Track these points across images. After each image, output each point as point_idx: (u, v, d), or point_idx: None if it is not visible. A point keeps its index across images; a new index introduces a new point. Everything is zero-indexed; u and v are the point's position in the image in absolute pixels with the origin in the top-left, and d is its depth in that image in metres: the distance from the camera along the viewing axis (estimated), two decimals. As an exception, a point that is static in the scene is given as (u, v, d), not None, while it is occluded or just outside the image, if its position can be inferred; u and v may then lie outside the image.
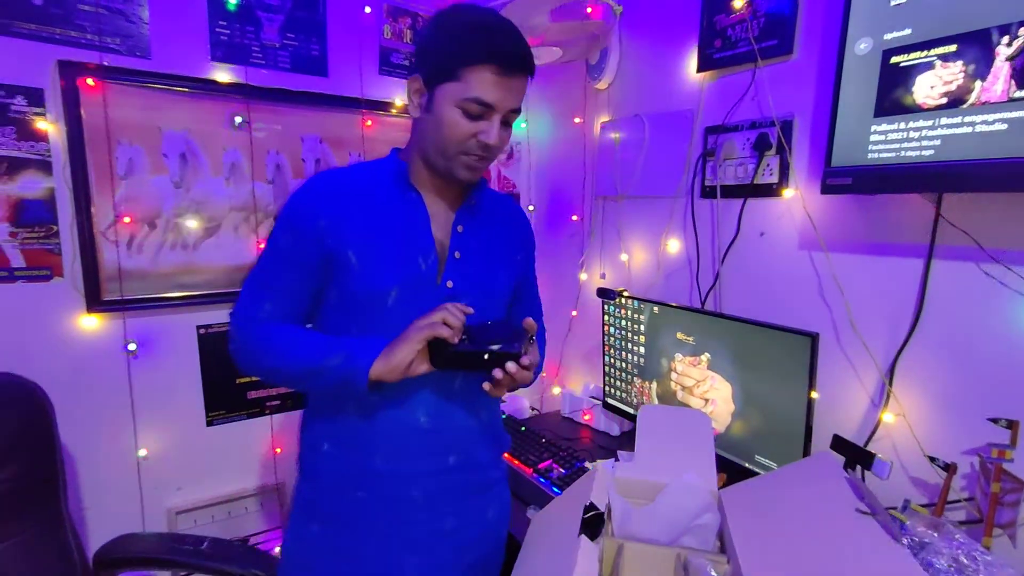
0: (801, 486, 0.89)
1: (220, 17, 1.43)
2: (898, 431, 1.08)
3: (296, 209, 0.78)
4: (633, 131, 1.61)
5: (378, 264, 0.76)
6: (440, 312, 0.71)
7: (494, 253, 0.87)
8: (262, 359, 0.79)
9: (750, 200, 1.31)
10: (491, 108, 0.72)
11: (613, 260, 1.74)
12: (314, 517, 0.84)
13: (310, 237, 0.76)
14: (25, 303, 1.27)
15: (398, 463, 0.80)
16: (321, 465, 0.83)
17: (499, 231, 0.89)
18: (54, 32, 1.24)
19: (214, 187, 1.46)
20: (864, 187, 0.99)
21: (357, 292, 0.77)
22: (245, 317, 0.81)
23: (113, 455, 1.40)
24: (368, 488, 0.81)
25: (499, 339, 0.73)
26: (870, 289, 1.10)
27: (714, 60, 1.35)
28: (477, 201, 0.85)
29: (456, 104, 0.72)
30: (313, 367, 0.75)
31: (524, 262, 0.95)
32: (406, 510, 0.81)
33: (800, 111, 1.20)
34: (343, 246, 0.76)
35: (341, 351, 0.74)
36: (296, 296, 0.81)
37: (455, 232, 0.82)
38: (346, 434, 0.81)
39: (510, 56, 0.71)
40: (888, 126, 0.95)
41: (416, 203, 0.80)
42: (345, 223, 0.76)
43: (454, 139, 0.74)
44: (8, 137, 1.22)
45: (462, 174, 0.77)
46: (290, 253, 0.78)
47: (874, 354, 1.10)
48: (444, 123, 0.73)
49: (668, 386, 1.35)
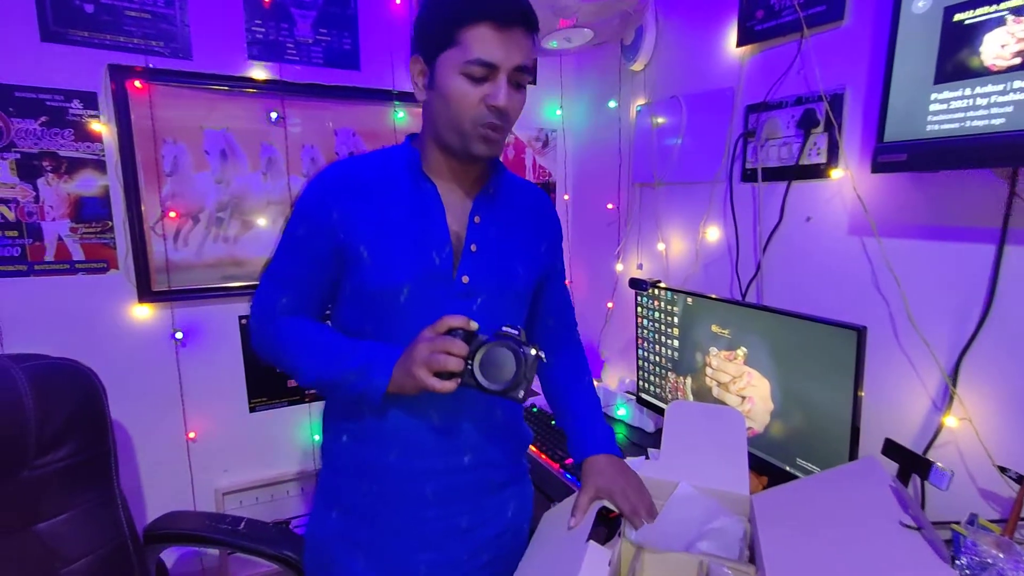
0: (841, 494, 0.81)
1: (256, 16, 1.47)
2: (964, 437, 0.96)
3: (309, 202, 0.77)
4: (670, 114, 1.53)
5: (390, 259, 0.74)
6: (437, 345, 0.67)
7: (514, 245, 0.82)
8: (281, 358, 0.80)
9: (795, 183, 1.21)
10: (495, 67, 0.68)
11: (650, 250, 1.66)
12: (333, 505, 0.85)
13: (323, 230, 0.75)
14: (84, 294, 1.37)
15: (411, 460, 0.79)
16: (340, 456, 0.84)
17: (520, 220, 0.84)
18: (104, 38, 1.32)
19: (252, 182, 1.52)
20: (921, 163, 0.89)
21: (369, 288, 0.75)
22: (262, 312, 0.81)
23: (165, 436, 1.49)
24: (382, 482, 0.80)
25: (505, 379, 0.68)
26: (930, 279, 0.99)
27: (756, 32, 1.25)
28: (496, 188, 0.82)
29: (459, 71, 0.68)
30: (328, 380, 0.75)
31: (549, 253, 0.90)
32: (419, 507, 0.80)
33: (851, 83, 1.09)
34: (355, 240, 0.74)
35: (354, 368, 0.73)
36: (311, 289, 0.80)
37: (472, 223, 0.78)
38: (362, 429, 0.80)
39: (505, 7, 0.68)
40: (951, 93, 0.84)
41: (430, 193, 0.77)
42: (357, 216, 0.75)
43: (464, 109, 0.70)
44: (67, 139, 1.32)
45: (479, 149, 0.72)
46: (304, 246, 0.78)
47: (935, 351, 0.98)
48: (450, 94, 0.70)
49: (703, 382, 1.28)
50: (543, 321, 0.95)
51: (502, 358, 0.68)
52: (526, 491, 0.94)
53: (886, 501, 0.74)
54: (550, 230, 0.91)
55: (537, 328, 0.95)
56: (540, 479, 1.24)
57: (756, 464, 1.12)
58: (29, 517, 1.05)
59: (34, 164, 1.29)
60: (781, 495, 0.84)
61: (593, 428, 0.90)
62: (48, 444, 1.05)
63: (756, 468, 1.12)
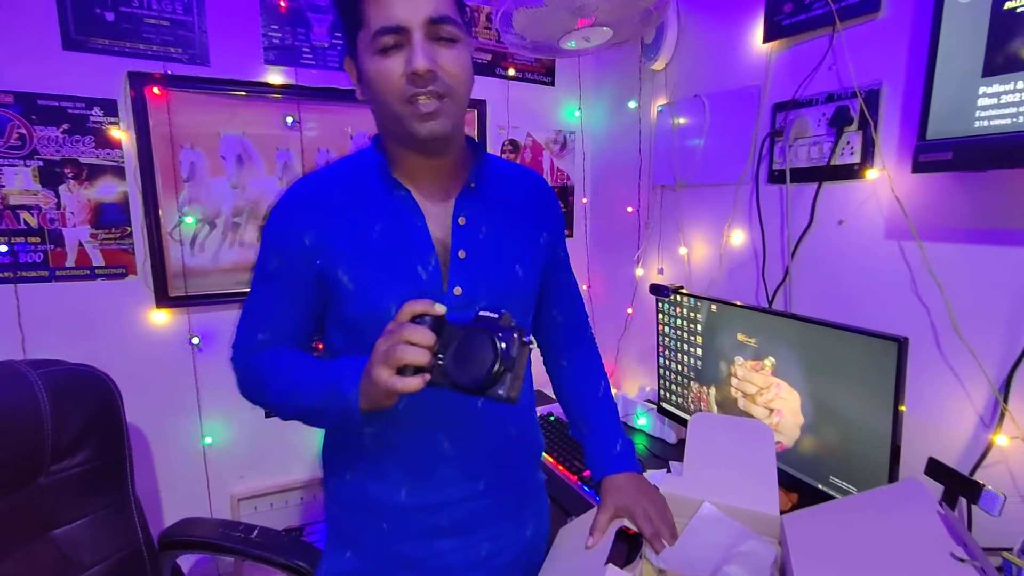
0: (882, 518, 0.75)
1: (273, 21, 1.47)
2: (1016, 457, 0.89)
3: (277, 228, 0.69)
4: (693, 113, 1.48)
5: (371, 282, 0.67)
6: (396, 336, 0.56)
7: (508, 243, 0.74)
8: (262, 395, 0.71)
9: (826, 184, 1.15)
10: (403, 29, 0.60)
11: (672, 254, 1.61)
12: (347, 544, 0.79)
13: (297, 258, 0.68)
14: (104, 299, 1.38)
15: (422, 495, 0.74)
16: (344, 494, 0.78)
17: (512, 212, 0.75)
18: (124, 45, 1.33)
19: (268, 186, 1.51)
20: (969, 162, 0.82)
21: (354, 316, 0.69)
22: (240, 353, 0.74)
23: (182, 442, 1.50)
24: (393, 521, 0.75)
25: (480, 375, 0.55)
26: (977, 285, 0.92)
27: (784, 27, 1.20)
28: (479, 182, 0.73)
29: (373, 52, 0.62)
30: (308, 408, 0.66)
31: (551, 244, 0.81)
32: (435, 540, 0.76)
33: (889, 77, 1.03)
34: (333, 265, 0.67)
35: (327, 386, 0.63)
36: (290, 322, 0.72)
37: (456, 226, 0.70)
38: (367, 465, 0.75)
39: None
40: (1001, 87, 0.78)
41: (405, 199, 0.69)
42: (331, 237, 0.67)
43: (388, 88, 0.62)
44: (88, 146, 1.33)
45: (419, 128, 0.63)
46: (278, 278, 0.70)
47: (983, 363, 0.92)
48: (372, 78, 0.62)
49: (728, 392, 1.22)
50: (549, 318, 0.88)
51: (477, 347, 0.55)
52: (543, 505, 0.90)
53: (933, 527, 0.68)
54: (549, 217, 0.81)
55: (543, 326, 0.89)
56: (557, 491, 1.20)
57: (785, 480, 1.06)
58: (46, 523, 1.05)
59: (56, 171, 1.31)
60: (815, 517, 0.78)
61: (612, 442, 0.85)
62: (65, 450, 1.05)
63: (785, 485, 1.06)
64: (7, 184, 1.27)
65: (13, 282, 1.30)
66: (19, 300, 1.30)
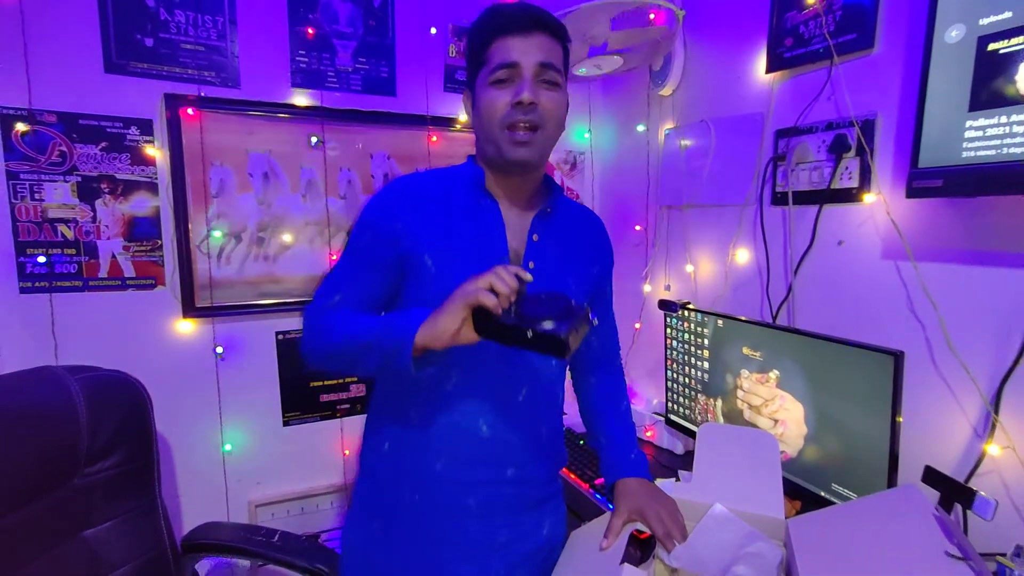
0: (882, 521, 0.80)
1: (300, 47, 1.55)
2: (1007, 466, 0.94)
3: (376, 210, 0.80)
4: (699, 137, 1.55)
5: (454, 272, 0.76)
6: (488, 276, 0.64)
7: (568, 264, 0.85)
8: (323, 342, 0.78)
9: (826, 207, 1.21)
10: (515, 65, 0.73)
11: (678, 271, 1.67)
12: (373, 514, 0.85)
13: (387, 237, 0.78)
14: (134, 309, 1.44)
15: (456, 469, 0.80)
16: (380, 464, 0.85)
17: (575, 242, 0.87)
18: (162, 69, 1.41)
19: (292, 203, 1.58)
20: (958, 189, 0.89)
21: (433, 297, 0.75)
22: (313, 308, 0.82)
23: (204, 448, 1.54)
24: (424, 491, 0.81)
25: (551, 315, 0.63)
26: (969, 303, 0.98)
27: (785, 59, 1.27)
28: (553, 209, 0.85)
29: (488, 84, 0.74)
30: (363, 342, 0.72)
31: (599, 277, 0.93)
32: (460, 518, 0.81)
33: (884, 109, 1.10)
34: (419, 250, 0.77)
35: (388, 322, 0.72)
36: (368, 293, 0.81)
37: (530, 241, 0.81)
38: (407, 436, 0.82)
39: (519, 17, 0.73)
40: (987, 120, 0.85)
41: (491, 209, 0.80)
42: (422, 227, 0.77)
43: (493, 114, 0.74)
44: (124, 163, 1.40)
45: (512, 153, 0.75)
46: (367, 252, 0.80)
47: (975, 377, 0.97)
48: (483, 106, 0.75)
49: (734, 404, 1.28)
50: (586, 342, 0.97)
51: (553, 297, 0.64)
52: (560, 510, 0.95)
53: (930, 530, 0.73)
54: (604, 256, 0.94)
55: (580, 349, 0.96)
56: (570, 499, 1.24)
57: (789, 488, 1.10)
58: (78, 523, 1.09)
59: (93, 186, 1.37)
60: (818, 520, 0.83)
61: (628, 451, 0.91)
62: (99, 453, 1.10)
63: (789, 493, 1.10)
64: (47, 198, 1.34)
65: (48, 291, 1.36)
66: (53, 309, 1.36)
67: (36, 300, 1.35)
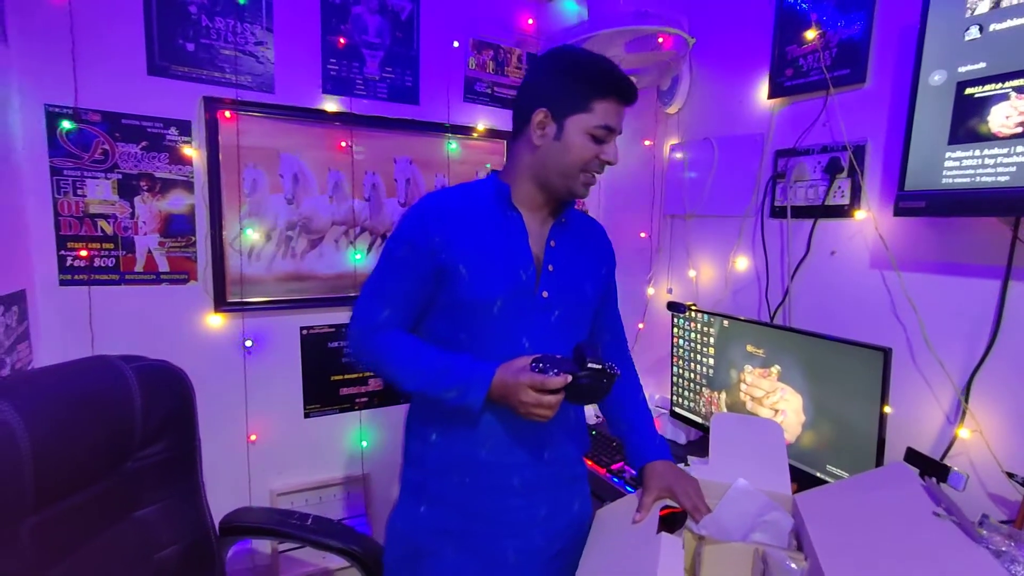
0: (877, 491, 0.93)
1: (332, 55, 1.62)
2: (975, 447, 1.10)
3: (412, 226, 0.88)
4: (702, 153, 1.69)
5: (486, 277, 0.86)
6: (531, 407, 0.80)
7: (582, 266, 0.96)
8: (382, 369, 0.90)
9: (820, 221, 1.36)
10: (613, 131, 0.87)
11: (680, 276, 1.81)
12: (422, 499, 0.95)
13: (424, 251, 0.86)
14: (167, 302, 1.49)
15: (500, 455, 0.91)
16: (429, 453, 0.94)
17: (586, 247, 0.99)
18: (202, 73, 1.47)
19: (319, 204, 1.65)
20: (938, 210, 1.04)
21: (467, 301, 0.87)
22: (365, 324, 0.91)
23: (231, 438, 1.59)
24: (473, 474, 0.91)
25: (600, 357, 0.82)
26: (944, 308, 1.14)
27: (785, 87, 1.42)
28: (567, 220, 0.96)
29: (587, 131, 0.85)
30: (432, 396, 0.86)
31: (607, 276, 1.05)
32: (506, 496, 0.92)
33: (872, 136, 1.25)
34: (454, 260, 0.86)
35: (453, 386, 0.84)
36: (409, 303, 0.91)
37: (548, 247, 0.92)
38: (453, 427, 0.92)
39: (629, 90, 0.87)
40: (963, 153, 1.00)
41: (516, 221, 0.91)
42: (455, 239, 0.87)
43: (581, 161, 0.86)
44: (163, 162, 1.45)
45: (582, 191, 0.90)
46: (405, 265, 0.88)
47: (949, 371, 1.13)
48: (574, 148, 0.86)
49: (737, 396, 1.41)
50: (600, 337, 1.09)
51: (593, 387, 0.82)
52: (586, 489, 1.06)
53: (919, 497, 0.86)
54: (608, 259, 1.06)
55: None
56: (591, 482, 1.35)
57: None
58: (131, 505, 1.14)
59: (132, 184, 1.42)
60: (821, 495, 0.96)
61: (652, 438, 1.03)
62: (150, 438, 1.16)
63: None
64: (89, 194, 1.38)
65: (87, 284, 1.40)
66: (91, 301, 1.40)
67: (75, 292, 1.39)
